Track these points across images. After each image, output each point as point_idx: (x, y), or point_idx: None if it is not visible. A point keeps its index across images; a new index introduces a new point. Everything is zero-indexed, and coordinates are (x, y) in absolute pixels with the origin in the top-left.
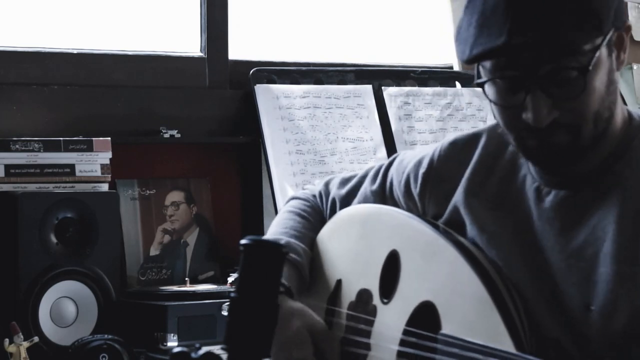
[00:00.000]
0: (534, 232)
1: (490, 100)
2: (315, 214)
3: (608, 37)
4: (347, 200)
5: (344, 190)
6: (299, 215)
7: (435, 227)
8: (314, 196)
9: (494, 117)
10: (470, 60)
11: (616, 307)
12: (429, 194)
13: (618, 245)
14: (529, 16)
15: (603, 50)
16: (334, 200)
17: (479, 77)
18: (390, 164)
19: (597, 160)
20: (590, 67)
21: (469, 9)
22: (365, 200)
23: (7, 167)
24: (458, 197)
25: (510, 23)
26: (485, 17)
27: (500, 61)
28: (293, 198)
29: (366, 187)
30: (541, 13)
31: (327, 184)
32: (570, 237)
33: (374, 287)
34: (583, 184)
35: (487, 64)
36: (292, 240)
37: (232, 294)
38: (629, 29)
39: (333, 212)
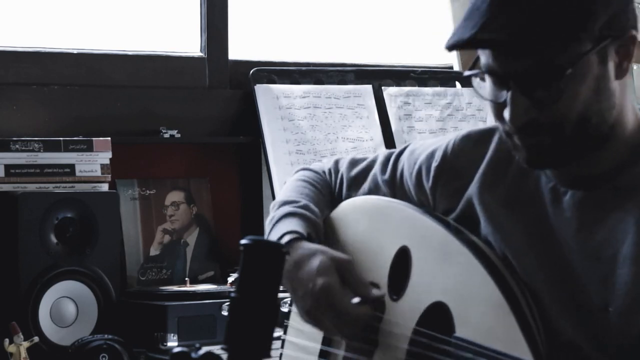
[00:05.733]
0: (551, 232)
1: (476, 93)
2: (326, 189)
3: (601, 45)
4: (355, 182)
5: (353, 172)
6: (313, 185)
7: (447, 224)
8: (324, 172)
9: None
10: (446, 48)
11: (635, 308)
12: (442, 187)
13: (638, 247)
14: (504, 14)
15: (592, 58)
16: (342, 179)
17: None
18: (401, 152)
19: (610, 161)
20: (568, 73)
21: (471, 1)
22: (375, 188)
23: (7, 167)
24: (472, 191)
25: (485, 19)
26: (472, 11)
27: (489, 58)
28: (304, 169)
29: (376, 174)
30: (517, 12)
31: (336, 162)
32: (588, 237)
33: (383, 282)
34: (600, 184)
35: (482, 59)
36: (312, 205)
37: (232, 294)
38: (633, 38)
39: (340, 190)
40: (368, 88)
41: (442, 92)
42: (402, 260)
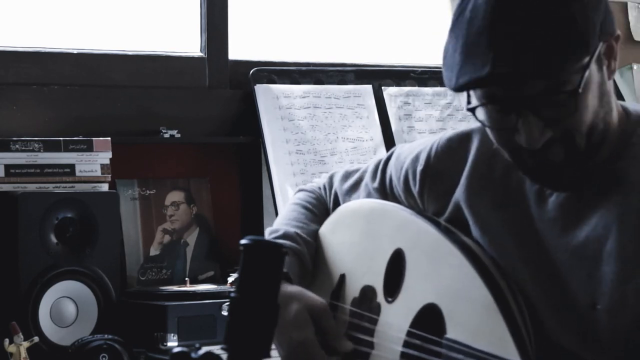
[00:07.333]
0: (537, 233)
1: (483, 124)
2: (320, 206)
3: (597, 52)
4: (348, 195)
5: (345, 185)
6: (303, 207)
7: (439, 225)
8: (320, 188)
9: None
10: (457, 89)
11: (622, 304)
12: (428, 191)
13: (621, 243)
14: (512, 44)
15: (593, 67)
16: (336, 194)
17: (469, 102)
18: (388, 159)
19: (597, 161)
20: (580, 89)
21: (454, 32)
22: (367, 197)
23: (7, 167)
24: (459, 195)
25: (495, 52)
26: (470, 44)
27: (490, 87)
28: (300, 190)
29: (367, 184)
30: (525, 40)
31: (331, 177)
32: (572, 236)
33: (378, 285)
34: (584, 184)
35: (477, 89)
36: (292, 230)
37: (232, 294)
38: (618, 38)
39: (336, 205)
40: (368, 88)
41: (442, 92)
42: (397, 263)
